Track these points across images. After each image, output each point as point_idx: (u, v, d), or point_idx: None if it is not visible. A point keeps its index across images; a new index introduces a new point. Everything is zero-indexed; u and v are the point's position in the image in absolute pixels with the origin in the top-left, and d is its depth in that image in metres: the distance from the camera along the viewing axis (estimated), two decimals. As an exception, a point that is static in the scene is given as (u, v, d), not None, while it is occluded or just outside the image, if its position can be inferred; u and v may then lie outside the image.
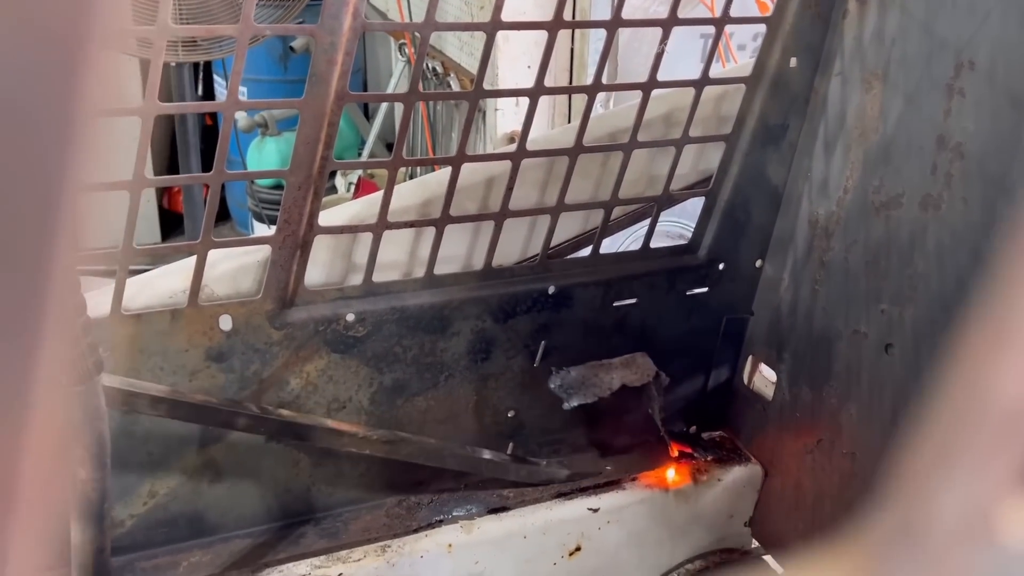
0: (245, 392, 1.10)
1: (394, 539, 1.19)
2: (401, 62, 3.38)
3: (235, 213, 4.13)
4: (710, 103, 1.23)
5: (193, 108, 2.60)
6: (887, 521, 0.16)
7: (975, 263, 1.02)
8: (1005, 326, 0.14)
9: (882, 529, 0.16)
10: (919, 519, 0.15)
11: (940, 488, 0.15)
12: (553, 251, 1.23)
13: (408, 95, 1.04)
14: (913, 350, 1.11)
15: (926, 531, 0.15)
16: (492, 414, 1.28)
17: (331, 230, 1.08)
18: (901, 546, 0.16)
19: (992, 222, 1.00)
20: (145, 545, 1.12)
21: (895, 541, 0.16)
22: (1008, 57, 0.97)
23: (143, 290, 1.04)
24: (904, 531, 0.16)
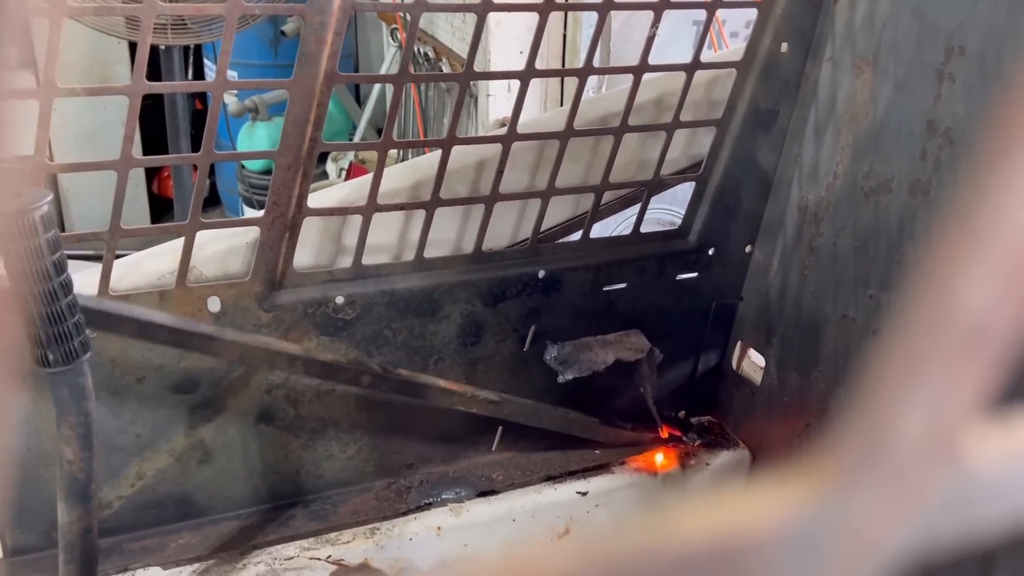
0: (234, 374, 1.10)
1: (383, 522, 1.19)
2: (393, 47, 3.37)
3: (225, 198, 4.11)
4: (701, 88, 1.23)
5: (181, 87, 2.58)
6: (853, 437, 0.16)
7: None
8: (970, 239, 0.14)
9: (847, 445, 0.16)
10: (884, 435, 0.16)
11: (905, 404, 0.15)
12: (543, 235, 1.23)
13: (398, 76, 1.04)
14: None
15: (890, 447, 0.15)
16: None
17: (320, 212, 1.08)
18: (865, 462, 0.16)
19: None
20: (133, 527, 1.12)
21: (860, 457, 0.16)
22: (998, 42, 0.98)
23: (131, 271, 1.03)
24: (869, 447, 0.16)
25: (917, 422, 0.15)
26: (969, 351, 0.15)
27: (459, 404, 1.19)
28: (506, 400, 1.23)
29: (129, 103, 0.91)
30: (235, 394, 1.11)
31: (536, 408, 1.27)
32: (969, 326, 0.15)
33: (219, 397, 1.10)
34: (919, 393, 0.15)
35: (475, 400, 1.19)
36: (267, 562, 1.11)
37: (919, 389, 0.15)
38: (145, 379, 1.06)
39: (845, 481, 0.16)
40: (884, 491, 0.15)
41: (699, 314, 1.36)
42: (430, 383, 1.16)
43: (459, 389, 1.18)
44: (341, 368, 1.08)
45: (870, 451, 0.16)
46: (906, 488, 0.15)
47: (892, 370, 0.15)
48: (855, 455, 0.16)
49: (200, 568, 1.10)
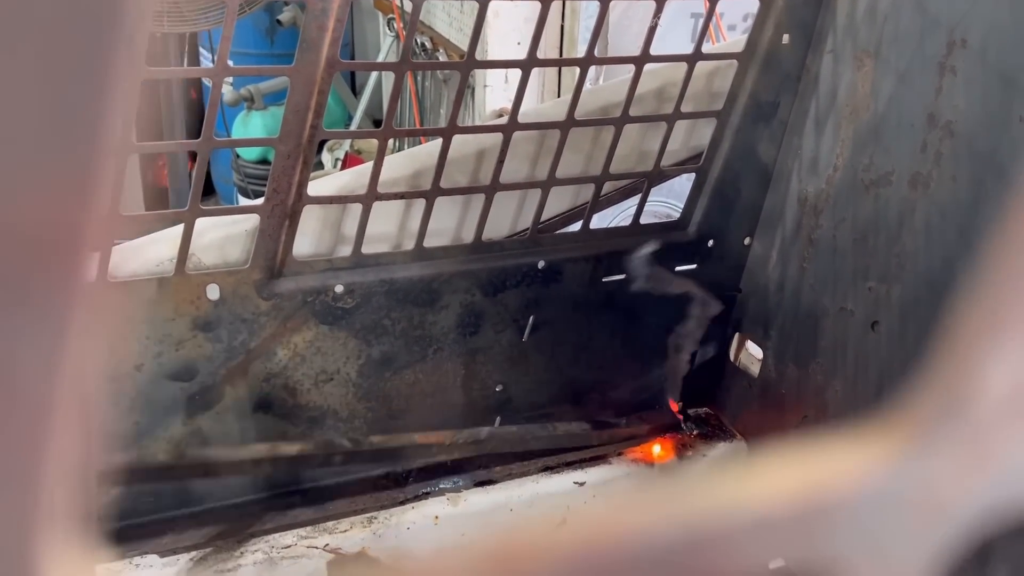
0: (232, 363, 1.09)
1: (381, 510, 1.19)
2: (389, 37, 3.35)
3: (220, 188, 4.09)
4: (702, 79, 1.23)
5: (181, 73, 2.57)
6: (933, 394, 0.16)
7: (963, 242, 1.03)
8: None
9: (927, 402, 0.16)
10: (966, 392, 0.15)
11: (988, 359, 0.15)
12: (543, 225, 1.23)
13: (399, 64, 1.03)
14: (899, 328, 1.12)
15: (973, 404, 0.15)
16: (480, 388, 1.28)
17: (320, 200, 1.07)
18: (947, 419, 0.16)
19: (981, 201, 1.01)
20: (131, 514, 1.11)
21: (941, 414, 0.16)
22: (1000, 35, 0.98)
23: (129, 257, 1.03)
24: (950, 404, 0.16)
25: (1001, 379, 0.15)
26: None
27: (440, 455, 1.18)
28: (490, 435, 1.20)
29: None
30: (233, 383, 1.11)
31: (522, 433, 1.24)
32: None
33: (217, 385, 1.10)
34: (1003, 348, 0.15)
35: (456, 446, 1.17)
36: (264, 551, 1.11)
37: (1003, 344, 0.15)
38: (143, 367, 1.05)
39: (921, 441, 0.16)
40: (962, 452, 0.15)
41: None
42: (406, 443, 1.15)
43: (437, 440, 1.16)
44: (309, 456, 1.10)
45: (950, 409, 0.15)
46: (987, 449, 0.15)
47: (974, 325, 0.15)
48: (935, 413, 0.16)
49: (197, 556, 1.09)
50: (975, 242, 1.01)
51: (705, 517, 0.15)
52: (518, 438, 1.23)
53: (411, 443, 1.15)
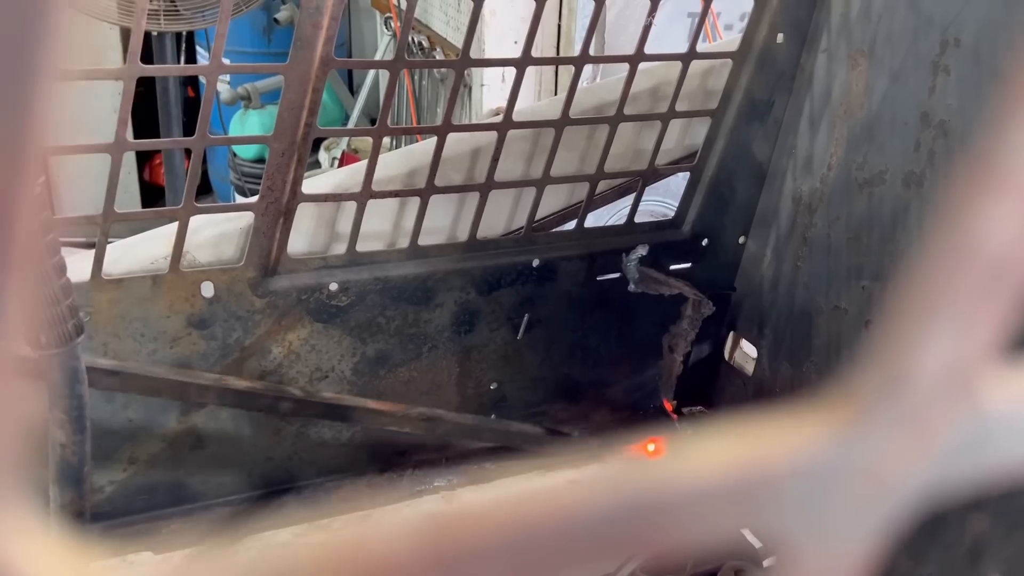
0: (227, 360, 1.09)
1: (375, 508, 1.19)
2: (387, 36, 3.36)
3: (217, 187, 4.09)
4: (696, 78, 1.23)
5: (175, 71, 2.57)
6: (870, 374, 0.16)
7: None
8: (992, 171, 0.15)
9: (864, 382, 0.16)
10: (901, 372, 0.16)
11: (924, 341, 0.15)
12: (538, 224, 1.23)
13: (394, 62, 1.04)
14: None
15: (908, 385, 0.16)
16: (475, 386, 1.28)
17: (315, 198, 1.07)
18: (882, 399, 0.16)
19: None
20: (124, 511, 1.12)
21: (877, 394, 0.16)
22: (993, 34, 0.98)
23: (124, 255, 1.03)
24: (886, 384, 0.16)
25: (936, 360, 0.15)
26: (989, 288, 0.15)
27: (391, 424, 1.15)
28: (441, 418, 1.18)
29: (124, 87, 0.91)
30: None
31: (475, 423, 1.23)
32: (989, 263, 0.15)
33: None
34: (938, 330, 0.15)
35: (407, 419, 1.15)
36: (259, 548, 1.11)
37: (938, 326, 0.15)
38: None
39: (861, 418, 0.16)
40: (901, 429, 0.16)
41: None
42: (357, 404, 1.13)
43: (389, 409, 1.15)
44: (257, 395, 1.07)
45: (887, 388, 0.16)
46: (923, 427, 0.16)
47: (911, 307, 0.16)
48: (872, 392, 0.16)
49: (192, 553, 1.10)
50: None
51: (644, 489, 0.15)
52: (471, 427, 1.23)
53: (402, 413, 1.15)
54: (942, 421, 0.16)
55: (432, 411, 1.18)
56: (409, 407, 1.16)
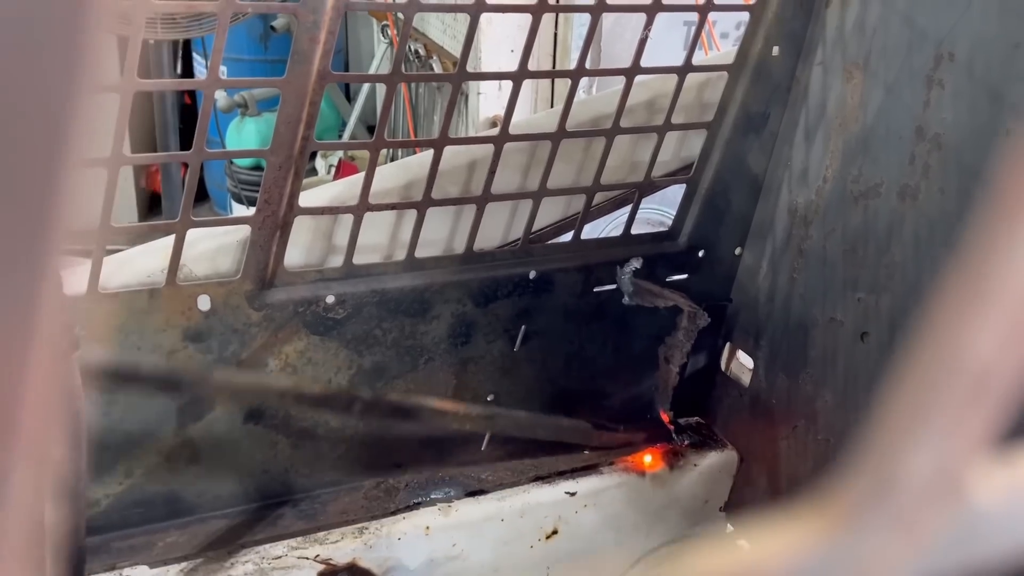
0: (223, 373, 1.09)
1: (372, 521, 1.19)
2: (383, 44, 3.36)
3: (214, 194, 4.09)
4: (692, 90, 1.23)
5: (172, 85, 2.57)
6: (860, 480, 0.16)
7: (950, 253, 1.04)
8: (977, 286, 0.15)
9: (855, 487, 0.17)
10: (891, 477, 0.16)
11: (912, 447, 0.16)
12: (535, 236, 1.23)
13: (391, 76, 1.04)
14: (888, 338, 1.13)
15: (898, 490, 0.16)
16: (471, 398, 1.28)
17: (312, 211, 1.08)
18: (873, 504, 0.16)
19: (968, 213, 1.01)
20: (121, 525, 1.11)
21: (867, 499, 0.16)
22: (987, 49, 0.98)
23: (121, 269, 1.03)
24: (876, 489, 0.16)
25: (923, 464, 0.16)
26: (974, 397, 0.15)
27: (452, 423, 1.20)
28: (497, 413, 1.23)
29: (120, 101, 0.91)
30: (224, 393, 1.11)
31: (530, 418, 1.27)
32: (974, 373, 0.15)
33: (208, 396, 1.10)
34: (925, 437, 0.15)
35: (467, 417, 1.21)
36: (255, 561, 1.11)
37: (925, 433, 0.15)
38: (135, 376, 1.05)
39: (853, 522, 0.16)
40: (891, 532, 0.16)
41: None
42: (422, 404, 1.18)
43: (450, 407, 1.20)
44: (332, 396, 1.12)
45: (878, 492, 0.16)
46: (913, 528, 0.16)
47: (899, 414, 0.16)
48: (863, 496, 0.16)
49: (188, 567, 1.09)
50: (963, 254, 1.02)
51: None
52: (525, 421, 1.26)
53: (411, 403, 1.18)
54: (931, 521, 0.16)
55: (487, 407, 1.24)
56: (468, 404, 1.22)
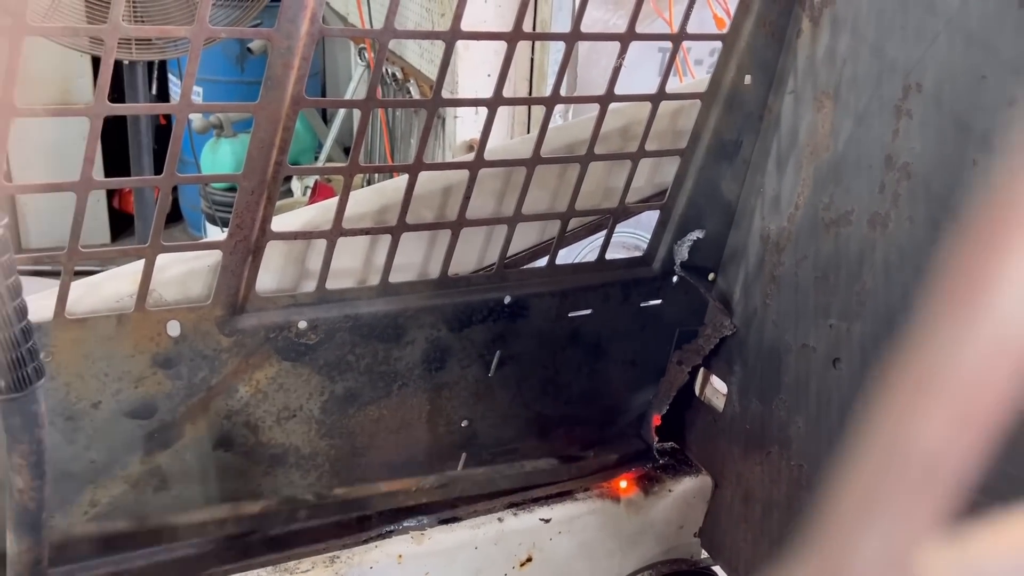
0: (192, 400, 1.08)
1: (343, 549, 1.17)
2: (361, 66, 3.37)
3: (187, 215, 4.06)
4: (666, 118, 1.24)
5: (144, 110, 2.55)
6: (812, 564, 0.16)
7: (920, 281, 1.05)
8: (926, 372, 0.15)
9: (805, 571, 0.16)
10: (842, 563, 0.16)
11: (862, 533, 0.16)
12: (510, 261, 1.23)
13: (365, 102, 1.04)
14: (860, 365, 1.13)
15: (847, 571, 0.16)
16: (446, 423, 1.27)
17: (284, 236, 1.07)
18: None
19: (936, 241, 1.03)
20: (85, 556, 1.09)
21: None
22: (954, 80, 1.00)
23: (89, 293, 1.01)
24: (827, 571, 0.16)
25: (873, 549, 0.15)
26: (923, 483, 0.15)
27: (408, 500, 1.18)
28: (456, 478, 1.19)
29: (90, 124, 0.90)
30: (193, 420, 1.09)
31: (489, 474, 1.24)
32: (923, 459, 0.15)
33: (177, 423, 1.08)
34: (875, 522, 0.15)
35: (423, 491, 1.18)
36: None
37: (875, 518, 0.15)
38: (101, 404, 1.03)
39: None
40: None
41: (663, 341, 1.37)
42: (371, 493, 1.16)
43: (403, 487, 1.17)
44: (270, 515, 1.10)
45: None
46: None
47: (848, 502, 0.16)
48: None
49: (154, 598, 1.07)
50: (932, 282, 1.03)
51: None
52: (486, 478, 1.23)
53: (376, 492, 1.15)
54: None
55: (444, 476, 1.20)
56: (421, 479, 1.18)
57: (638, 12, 1.09)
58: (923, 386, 0.15)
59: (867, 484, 0.15)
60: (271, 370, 1.11)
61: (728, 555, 1.40)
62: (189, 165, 3.53)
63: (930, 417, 0.15)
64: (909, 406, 0.15)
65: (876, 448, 0.15)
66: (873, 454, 0.15)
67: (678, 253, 1.29)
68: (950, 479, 0.15)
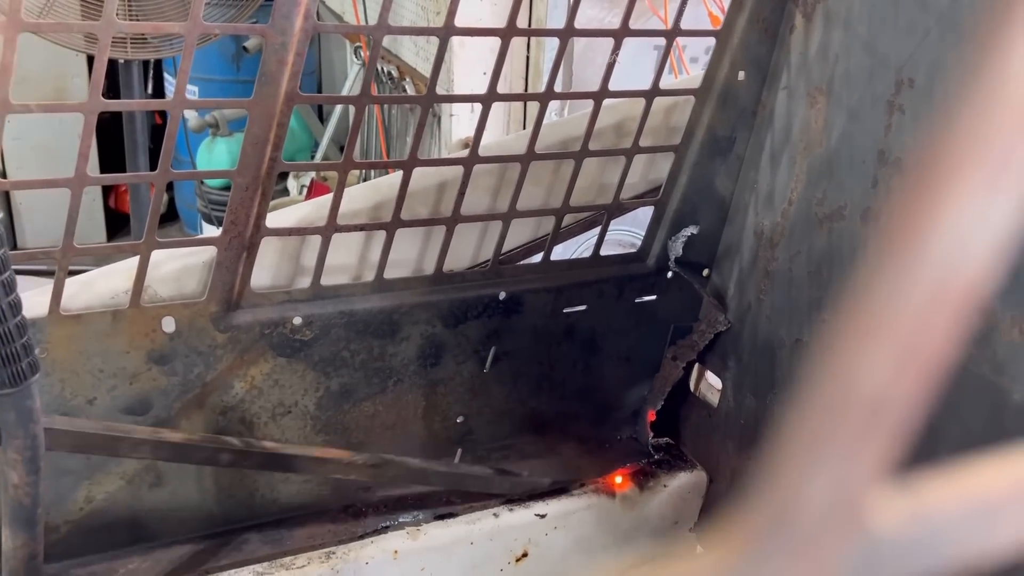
0: (187, 396, 1.08)
1: (339, 545, 1.17)
2: (356, 65, 3.37)
3: (184, 214, 4.06)
4: (660, 114, 1.25)
5: (138, 106, 2.55)
6: (763, 507, 0.17)
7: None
8: (869, 316, 0.15)
9: (756, 515, 0.17)
10: (791, 506, 0.16)
11: (810, 476, 0.16)
12: (504, 257, 1.24)
13: (359, 98, 1.04)
14: (853, 359, 1.14)
15: (797, 517, 0.16)
16: (441, 420, 1.27)
17: (279, 232, 1.07)
18: (774, 531, 0.16)
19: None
20: (81, 552, 1.09)
21: (767, 527, 0.16)
22: (945, 75, 1.01)
23: (84, 290, 1.01)
24: (777, 517, 0.16)
25: (821, 492, 0.16)
26: (869, 425, 0.15)
27: (335, 472, 1.11)
28: (389, 462, 1.15)
29: (84, 121, 0.90)
30: (189, 416, 1.09)
31: (423, 468, 1.20)
32: (868, 401, 0.15)
33: (172, 419, 1.08)
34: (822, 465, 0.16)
35: (353, 466, 1.11)
36: None
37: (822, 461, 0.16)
38: (96, 400, 1.03)
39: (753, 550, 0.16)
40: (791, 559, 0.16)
41: (657, 336, 1.37)
42: (300, 453, 1.09)
43: (334, 456, 1.11)
44: (194, 448, 1.02)
45: (777, 521, 0.16)
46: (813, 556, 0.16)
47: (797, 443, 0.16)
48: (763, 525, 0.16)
49: (150, 594, 1.07)
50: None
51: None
52: (419, 471, 1.19)
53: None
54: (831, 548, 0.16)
55: (378, 457, 1.15)
56: (355, 454, 1.13)
57: (632, 7, 1.09)
58: (867, 329, 0.15)
59: (814, 425, 0.16)
60: (266, 366, 1.11)
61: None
62: (185, 164, 3.53)
63: (874, 359, 0.15)
64: (854, 349, 0.15)
65: (824, 391, 0.16)
66: (821, 397, 0.16)
67: (672, 249, 1.29)
68: (895, 423, 0.15)
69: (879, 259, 0.15)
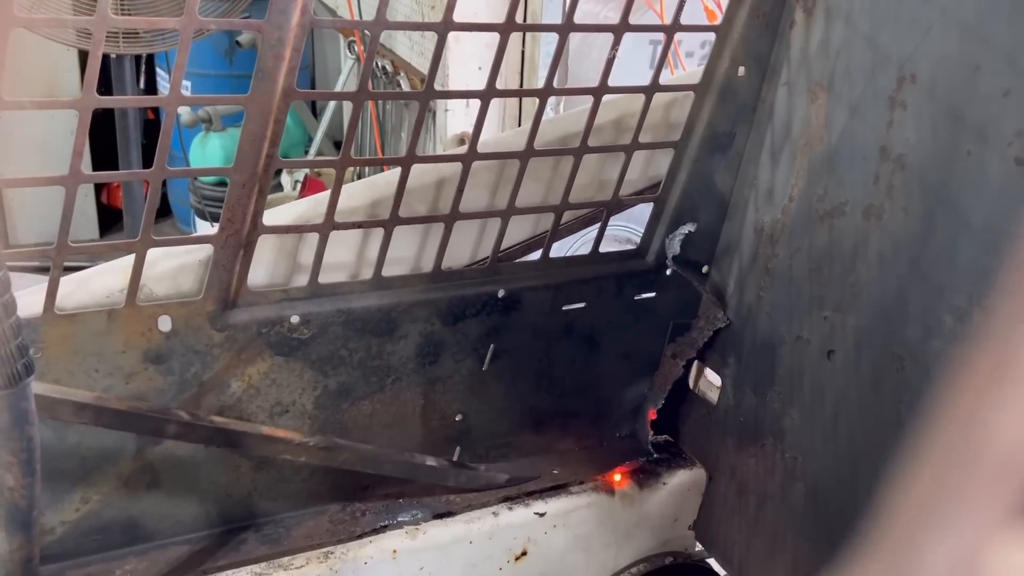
0: (184, 395, 1.07)
1: (337, 545, 1.17)
2: (350, 60, 3.35)
3: (177, 210, 4.04)
4: (660, 110, 1.24)
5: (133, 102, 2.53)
6: (875, 567, 0.16)
7: (915, 272, 1.05)
8: (1004, 361, 0.14)
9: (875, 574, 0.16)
10: (909, 566, 0.15)
11: (931, 533, 0.15)
12: (503, 254, 1.23)
13: (357, 94, 1.03)
14: (854, 356, 1.13)
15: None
16: (439, 418, 1.26)
17: (276, 230, 1.06)
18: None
19: (931, 232, 1.03)
20: (77, 553, 1.08)
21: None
22: (948, 71, 1.00)
23: (78, 289, 1.00)
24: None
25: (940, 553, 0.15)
26: (1000, 478, 0.14)
27: (286, 453, 1.08)
28: (340, 447, 1.12)
29: (79, 117, 0.89)
30: (186, 415, 1.08)
31: (376, 455, 1.17)
32: (1000, 452, 0.14)
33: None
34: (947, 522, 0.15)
35: (303, 448, 1.08)
36: None
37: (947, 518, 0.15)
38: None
39: None
40: None
41: (656, 333, 1.37)
42: (249, 431, 1.06)
43: (284, 436, 1.08)
44: (140, 416, 0.98)
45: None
46: None
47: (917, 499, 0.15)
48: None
49: (147, 595, 1.06)
50: (927, 272, 1.03)
51: None
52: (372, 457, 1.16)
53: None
54: None
55: (330, 439, 1.12)
56: (306, 436, 1.10)
57: (632, 2, 1.08)
58: (998, 376, 0.14)
59: (934, 483, 0.15)
60: (263, 365, 1.10)
61: (722, 547, 1.40)
62: (177, 160, 3.50)
63: (1007, 408, 0.14)
64: (982, 398, 0.14)
65: (943, 444, 0.15)
66: (940, 451, 0.15)
67: (672, 246, 1.29)
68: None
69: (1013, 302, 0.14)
